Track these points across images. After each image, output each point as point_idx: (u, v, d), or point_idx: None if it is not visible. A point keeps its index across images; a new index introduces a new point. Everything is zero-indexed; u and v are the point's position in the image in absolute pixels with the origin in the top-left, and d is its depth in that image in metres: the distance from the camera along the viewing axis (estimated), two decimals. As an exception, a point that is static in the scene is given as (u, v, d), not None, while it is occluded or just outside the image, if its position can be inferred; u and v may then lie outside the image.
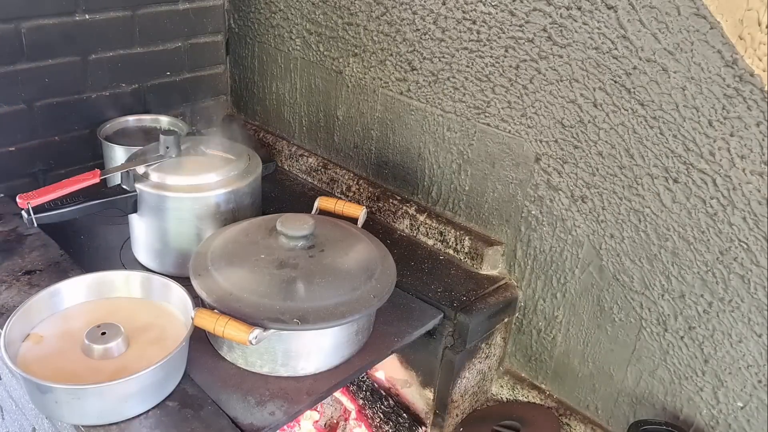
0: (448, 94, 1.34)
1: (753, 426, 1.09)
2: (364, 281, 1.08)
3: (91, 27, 1.53)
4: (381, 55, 1.45)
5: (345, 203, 1.30)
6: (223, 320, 0.97)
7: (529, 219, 1.29)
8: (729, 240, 1.02)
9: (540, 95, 1.19)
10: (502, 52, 1.22)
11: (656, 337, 1.16)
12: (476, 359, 1.34)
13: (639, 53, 1.03)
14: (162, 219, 1.24)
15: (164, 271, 1.27)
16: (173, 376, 1.00)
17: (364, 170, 1.61)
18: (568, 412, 1.33)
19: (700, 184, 1.03)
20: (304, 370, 1.07)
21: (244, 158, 1.33)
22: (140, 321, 1.06)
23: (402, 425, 1.41)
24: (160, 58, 1.70)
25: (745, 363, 1.06)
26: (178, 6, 1.68)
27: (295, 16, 1.62)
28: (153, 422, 0.95)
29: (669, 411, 1.18)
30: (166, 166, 1.26)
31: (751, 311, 1.03)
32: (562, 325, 1.30)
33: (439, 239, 1.42)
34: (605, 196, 1.16)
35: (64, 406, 0.92)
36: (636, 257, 1.15)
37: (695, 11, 0.95)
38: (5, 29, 1.40)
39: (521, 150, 1.25)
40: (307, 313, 1.00)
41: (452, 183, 1.40)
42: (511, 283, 1.35)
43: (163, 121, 1.66)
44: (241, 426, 0.97)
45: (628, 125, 1.09)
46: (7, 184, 1.50)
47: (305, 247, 1.12)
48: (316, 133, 1.71)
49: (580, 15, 1.08)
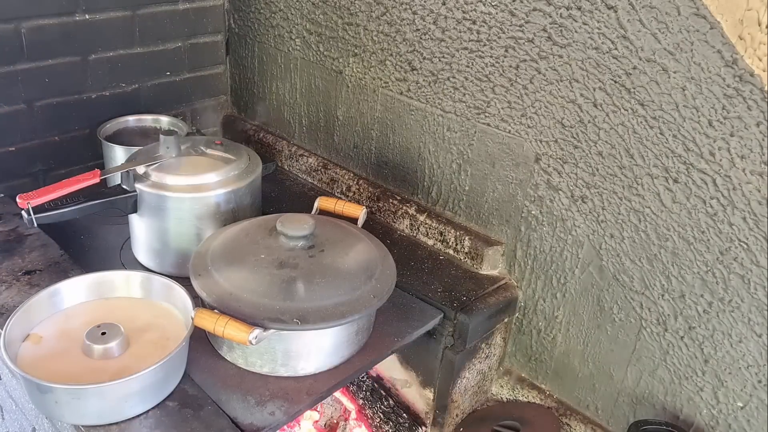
0: (448, 94, 1.34)
1: (753, 426, 1.09)
2: (364, 281, 1.08)
3: (91, 27, 1.53)
4: (381, 55, 1.45)
5: (345, 203, 1.30)
6: (223, 320, 0.97)
7: (529, 219, 1.29)
8: (729, 240, 1.02)
9: (540, 95, 1.19)
10: (502, 52, 1.22)
11: (656, 337, 1.16)
12: (476, 359, 1.34)
13: (639, 53, 1.03)
14: (162, 219, 1.24)
15: (164, 271, 1.27)
16: (173, 376, 1.00)
17: (364, 170, 1.61)
18: (568, 412, 1.33)
19: (700, 184, 1.03)
20: (304, 370, 1.07)
21: (244, 158, 1.33)
22: (140, 321, 1.06)
23: (402, 425, 1.41)
24: (160, 58, 1.70)
25: (745, 363, 1.06)
26: (178, 6, 1.68)
27: (295, 16, 1.62)
28: (153, 422, 0.95)
29: (669, 411, 1.18)
30: (166, 166, 1.26)
31: (751, 311, 1.03)
32: (562, 325, 1.30)
33: (439, 239, 1.42)
34: (605, 196, 1.16)
35: (64, 406, 0.92)
36: (636, 257, 1.15)
37: (695, 11, 0.95)
38: (5, 29, 1.40)
39: (521, 150, 1.25)
40: (307, 313, 1.00)
41: (452, 183, 1.40)
42: (511, 283, 1.35)
43: (163, 121, 1.66)
44: (241, 426, 0.97)
45: (628, 125, 1.09)
46: (7, 184, 1.50)
47: (305, 247, 1.12)
48: (316, 133, 1.71)
49: (580, 15, 1.08)
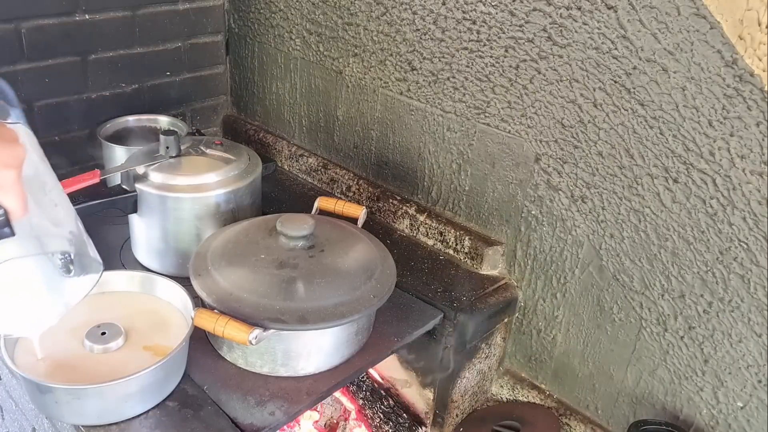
0: (448, 94, 1.34)
1: (753, 426, 1.09)
2: (364, 281, 1.08)
3: (91, 27, 1.53)
4: (381, 55, 1.45)
5: (345, 203, 1.30)
6: (223, 320, 0.97)
7: (529, 219, 1.29)
8: (729, 240, 1.02)
9: (540, 95, 1.19)
10: (502, 52, 1.22)
11: (656, 337, 1.16)
12: (476, 359, 1.34)
13: (639, 53, 1.03)
14: (162, 219, 1.24)
15: (164, 271, 1.27)
16: (173, 376, 1.00)
17: (364, 170, 1.61)
18: (568, 412, 1.33)
19: (700, 184, 1.03)
20: (304, 370, 1.07)
21: (244, 158, 1.33)
22: (140, 321, 1.06)
23: (402, 425, 1.41)
24: (160, 58, 1.70)
25: (745, 363, 1.06)
26: (178, 6, 1.68)
27: (295, 16, 1.62)
28: (153, 422, 0.95)
29: (669, 411, 1.18)
30: (166, 166, 1.26)
31: (751, 311, 1.03)
32: (562, 325, 1.30)
33: (439, 239, 1.42)
34: (605, 196, 1.16)
35: (64, 406, 0.92)
36: (636, 257, 1.15)
37: (695, 11, 0.95)
38: (5, 29, 1.39)
39: (521, 150, 1.25)
40: (307, 313, 1.00)
41: (452, 183, 1.40)
42: (511, 283, 1.35)
43: (163, 121, 1.65)
44: (241, 426, 0.97)
45: (628, 125, 1.09)
46: (7, 184, 1.49)
47: (305, 247, 1.12)
48: (316, 133, 1.71)
49: (580, 15, 1.08)
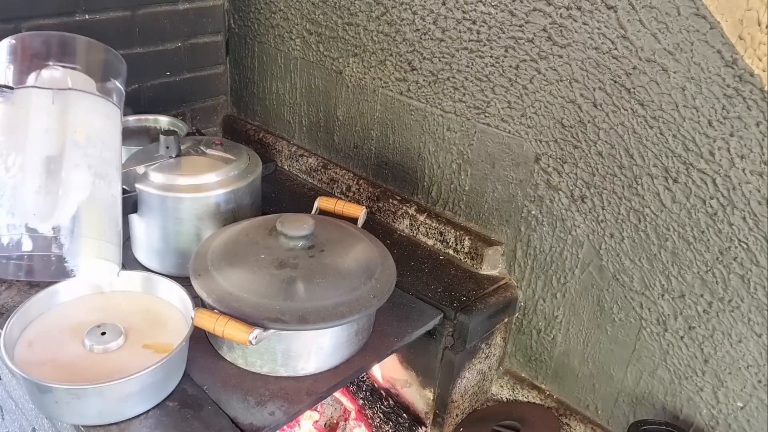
0: (448, 94, 1.34)
1: (753, 426, 1.09)
2: (364, 281, 1.08)
3: (91, 27, 1.53)
4: (381, 55, 1.45)
5: (345, 203, 1.30)
6: (223, 320, 0.97)
7: (529, 219, 1.29)
8: (729, 240, 1.02)
9: (540, 95, 1.19)
10: (502, 52, 1.22)
11: (656, 337, 1.16)
12: (476, 359, 1.34)
13: (639, 53, 1.03)
14: (162, 219, 1.24)
15: (164, 271, 1.27)
16: (173, 376, 1.01)
17: (364, 170, 1.61)
18: (568, 412, 1.33)
19: (700, 184, 1.03)
20: (304, 370, 1.07)
21: (244, 158, 1.33)
22: (140, 321, 1.06)
23: (402, 425, 1.41)
24: (160, 58, 1.70)
25: (745, 363, 1.06)
26: (178, 6, 1.68)
27: (295, 16, 1.62)
28: (153, 422, 0.95)
29: (669, 411, 1.18)
30: (166, 166, 1.26)
31: (751, 311, 1.03)
32: (562, 325, 1.30)
33: (439, 239, 1.42)
34: (605, 196, 1.16)
35: (64, 406, 0.92)
36: (636, 257, 1.15)
37: (695, 11, 0.95)
38: (5, 29, 1.39)
39: (521, 150, 1.25)
40: (307, 313, 1.00)
41: (452, 183, 1.40)
42: (511, 283, 1.35)
43: (163, 121, 1.65)
44: (241, 426, 0.97)
45: (627, 125, 1.09)
46: (7, 184, 1.49)
47: (305, 247, 1.12)
48: (316, 133, 1.71)
49: (580, 15, 1.08)
